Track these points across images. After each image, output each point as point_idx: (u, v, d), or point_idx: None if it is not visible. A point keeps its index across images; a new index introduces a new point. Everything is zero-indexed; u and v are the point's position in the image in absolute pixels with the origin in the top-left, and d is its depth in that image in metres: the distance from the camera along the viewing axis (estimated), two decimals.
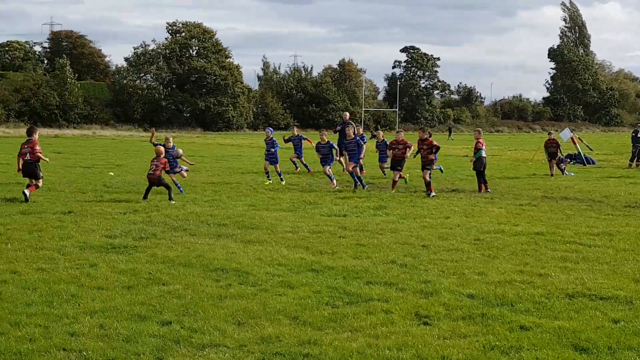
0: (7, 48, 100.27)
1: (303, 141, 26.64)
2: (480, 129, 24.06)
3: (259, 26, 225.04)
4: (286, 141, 26.33)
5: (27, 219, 14.38)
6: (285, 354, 6.79)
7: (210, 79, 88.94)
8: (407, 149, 21.42)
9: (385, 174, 26.20)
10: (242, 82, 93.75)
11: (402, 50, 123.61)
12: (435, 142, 20.64)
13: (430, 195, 19.61)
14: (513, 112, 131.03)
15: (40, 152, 17.73)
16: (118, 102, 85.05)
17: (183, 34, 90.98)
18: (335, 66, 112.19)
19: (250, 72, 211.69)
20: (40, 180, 17.78)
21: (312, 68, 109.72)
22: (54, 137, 60.04)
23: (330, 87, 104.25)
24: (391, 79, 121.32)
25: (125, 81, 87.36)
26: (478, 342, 7.23)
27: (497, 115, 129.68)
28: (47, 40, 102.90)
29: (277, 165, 23.42)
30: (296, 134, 26.97)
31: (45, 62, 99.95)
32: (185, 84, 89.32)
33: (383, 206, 17.47)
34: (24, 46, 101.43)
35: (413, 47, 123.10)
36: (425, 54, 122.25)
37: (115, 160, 32.68)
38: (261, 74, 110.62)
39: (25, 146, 17.68)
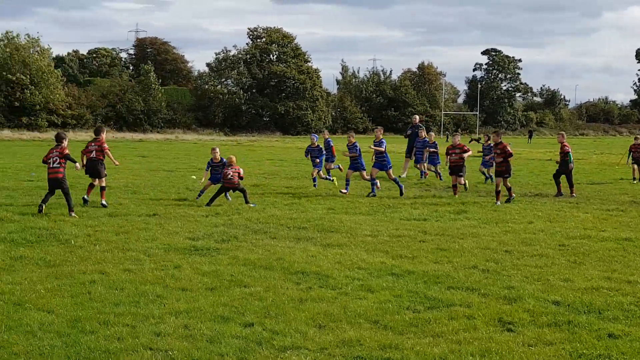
0: (94, 55, 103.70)
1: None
2: (563, 132, 23.55)
3: (338, 30, 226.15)
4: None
5: (114, 221, 14.78)
6: (366, 358, 6.78)
7: (290, 83, 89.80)
8: (464, 153, 20.67)
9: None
10: (320, 86, 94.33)
11: (483, 53, 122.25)
12: (508, 148, 19.69)
13: (511, 200, 19.21)
14: (599, 115, 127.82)
15: (108, 151, 17.69)
16: (200, 106, 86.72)
17: (263, 39, 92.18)
18: (414, 69, 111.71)
19: (329, 76, 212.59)
20: (104, 180, 17.64)
21: (391, 72, 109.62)
22: (139, 142, 61.64)
23: (410, 91, 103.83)
24: (472, 82, 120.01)
25: (207, 86, 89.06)
26: (564, 350, 7.06)
27: (582, 118, 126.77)
28: (133, 47, 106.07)
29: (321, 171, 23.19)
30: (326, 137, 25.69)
31: (131, 68, 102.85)
32: (265, 88, 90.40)
33: (464, 210, 17.27)
34: (111, 53, 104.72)
35: (494, 50, 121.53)
36: (507, 56, 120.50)
37: (197, 164, 33.28)
38: (340, 78, 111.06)
39: (92, 144, 17.73)
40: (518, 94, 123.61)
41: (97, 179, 17.56)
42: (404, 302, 8.76)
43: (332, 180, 23.30)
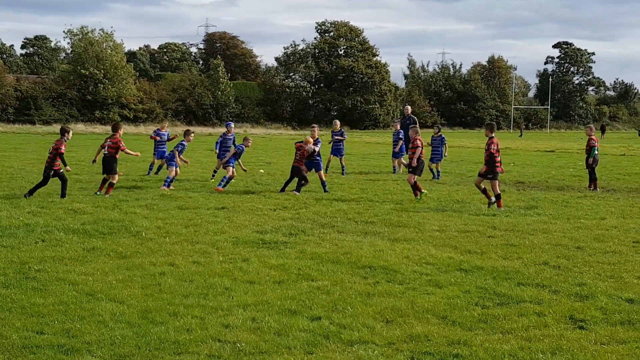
0: (165, 50, 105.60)
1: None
2: (592, 125, 22.80)
3: (407, 24, 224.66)
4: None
5: (183, 214, 15.00)
6: (434, 354, 6.72)
7: (358, 78, 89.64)
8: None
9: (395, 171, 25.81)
10: (389, 80, 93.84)
11: (555, 46, 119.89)
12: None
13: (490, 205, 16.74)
14: None
15: (125, 148, 18.11)
16: (268, 100, 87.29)
17: (331, 33, 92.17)
18: (484, 63, 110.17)
19: (397, 70, 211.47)
20: (116, 177, 17.99)
21: (461, 65, 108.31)
22: (208, 135, 62.35)
23: (479, 85, 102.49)
24: (542, 76, 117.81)
25: (275, 80, 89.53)
26: (638, 349, 6.87)
27: None
28: (202, 42, 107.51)
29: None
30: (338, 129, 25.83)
31: (200, 62, 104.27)
32: (333, 82, 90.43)
33: (534, 206, 16.96)
34: (181, 48, 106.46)
35: (566, 43, 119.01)
36: (579, 49, 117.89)
37: (265, 158, 33.53)
38: (407, 72, 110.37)
39: (108, 140, 18.20)
40: (590, 88, 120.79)
41: (109, 175, 17.94)
42: (473, 297, 8.65)
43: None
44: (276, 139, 61.06)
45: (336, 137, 25.39)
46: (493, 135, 16.79)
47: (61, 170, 17.25)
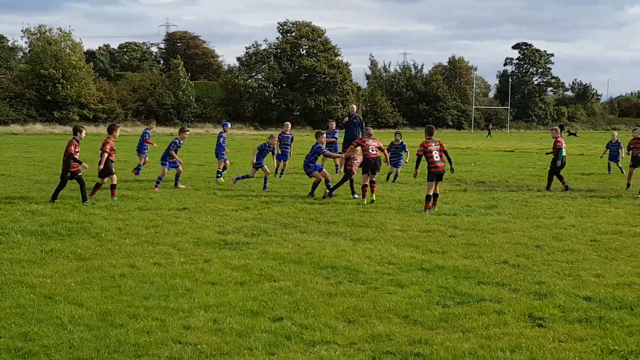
0: (125, 49, 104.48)
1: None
2: (557, 127, 22.86)
3: (369, 25, 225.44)
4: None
5: (144, 215, 14.86)
6: (396, 353, 6.74)
7: (320, 78, 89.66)
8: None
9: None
10: (351, 80, 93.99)
11: (515, 47, 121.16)
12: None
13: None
14: (631, 109, 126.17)
15: (105, 150, 17.36)
16: (230, 101, 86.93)
17: (293, 33, 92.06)
18: (445, 64, 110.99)
19: (359, 70, 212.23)
20: (114, 177, 17.53)
21: (422, 66, 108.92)
22: (169, 135, 61.89)
23: (441, 85, 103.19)
24: (502, 76, 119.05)
25: (237, 80, 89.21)
26: (595, 346, 6.97)
27: (614, 113, 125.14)
28: (163, 42, 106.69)
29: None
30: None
31: (161, 62, 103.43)
32: (295, 82, 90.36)
33: (494, 205, 17.13)
34: (141, 47, 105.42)
35: (525, 44, 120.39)
36: (538, 50, 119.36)
37: (228, 158, 33.32)
38: (369, 72, 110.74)
39: (110, 143, 17.61)
40: (549, 89, 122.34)
41: (108, 177, 17.47)
42: (434, 297, 8.71)
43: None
44: (239, 138, 60.85)
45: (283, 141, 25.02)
46: (431, 137, 16.37)
47: (79, 173, 16.74)
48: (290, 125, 25.90)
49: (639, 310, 8.20)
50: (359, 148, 18.19)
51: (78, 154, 16.81)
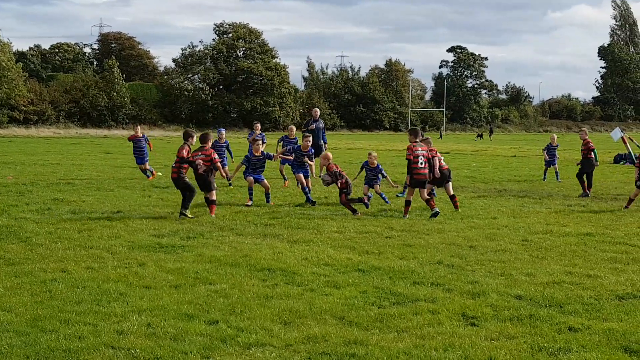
0: (57, 50, 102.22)
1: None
2: (585, 129, 22.04)
3: (305, 27, 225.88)
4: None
5: (76, 218, 14.59)
6: (331, 354, 6.77)
7: (257, 80, 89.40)
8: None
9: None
10: (288, 83, 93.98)
11: (449, 50, 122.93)
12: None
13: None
14: (562, 111, 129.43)
15: (217, 161, 15.85)
16: (166, 102, 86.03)
17: (230, 35, 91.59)
18: (382, 66, 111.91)
19: (296, 72, 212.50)
20: (213, 192, 15.78)
21: (359, 68, 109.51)
22: (103, 138, 61.01)
23: (378, 87, 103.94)
24: (438, 79, 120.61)
25: (173, 82, 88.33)
26: (526, 344, 7.12)
27: (546, 115, 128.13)
28: (97, 42, 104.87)
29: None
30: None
31: (95, 63, 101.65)
32: (232, 84, 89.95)
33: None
34: (74, 48, 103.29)
35: (460, 47, 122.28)
36: (472, 54, 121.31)
37: (163, 161, 33.01)
38: (306, 74, 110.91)
39: (200, 154, 15.64)
40: (484, 91, 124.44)
41: (208, 192, 15.73)
42: (370, 297, 8.77)
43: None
44: (175, 140, 60.18)
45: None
46: (417, 141, 15.85)
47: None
48: (295, 129, 24.58)
49: (568, 308, 8.40)
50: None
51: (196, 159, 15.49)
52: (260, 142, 18.76)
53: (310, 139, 19.70)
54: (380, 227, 14.23)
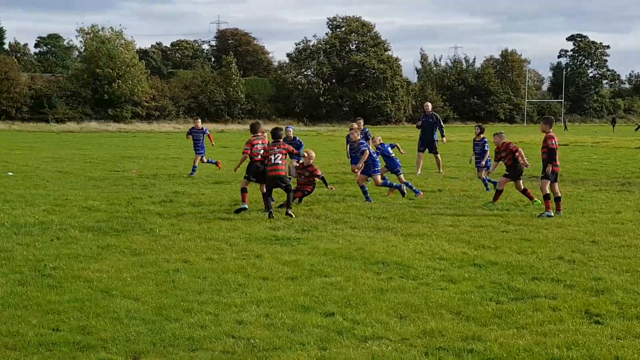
0: (177, 47, 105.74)
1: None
2: None
3: (417, 19, 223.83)
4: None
5: (196, 211, 15.02)
6: (448, 349, 6.70)
7: (369, 73, 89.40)
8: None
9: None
10: (400, 75, 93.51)
11: (569, 39, 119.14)
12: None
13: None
14: None
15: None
16: (280, 97, 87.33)
17: (343, 28, 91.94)
18: (497, 57, 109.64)
19: (409, 65, 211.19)
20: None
21: (474, 59, 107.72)
22: (220, 132, 62.49)
23: (493, 79, 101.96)
24: (556, 69, 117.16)
25: (286, 77, 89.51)
26: None
27: None
28: (214, 39, 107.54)
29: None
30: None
31: (212, 59, 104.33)
32: (345, 78, 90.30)
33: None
34: (193, 45, 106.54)
35: (580, 35, 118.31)
36: (593, 42, 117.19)
37: None
38: (419, 67, 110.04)
39: (258, 144, 15.35)
40: (605, 81, 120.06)
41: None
42: (487, 293, 8.62)
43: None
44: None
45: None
46: (550, 130, 15.02)
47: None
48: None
49: None
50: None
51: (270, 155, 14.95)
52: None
53: (356, 128, 18.47)
54: (496, 221, 13.95)
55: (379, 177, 17.30)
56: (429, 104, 25.85)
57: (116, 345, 6.74)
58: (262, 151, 15.23)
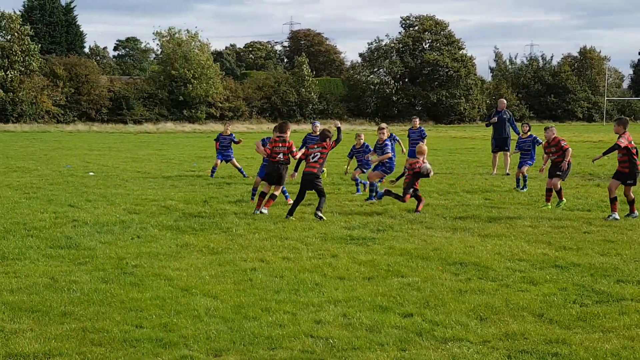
0: (250, 49, 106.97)
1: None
2: None
3: (492, 16, 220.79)
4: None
5: (272, 210, 15.10)
6: (532, 352, 6.55)
7: (443, 72, 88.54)
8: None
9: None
10: (475, 74, 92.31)
11: None
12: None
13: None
14: None
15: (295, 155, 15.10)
16: (352, 97, 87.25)
17: (416, 27, 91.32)
18: (574, 54, 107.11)
19: (483, 63, 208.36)
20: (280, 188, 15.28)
21: (552, 57, 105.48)
22: (293, 132, 62.96)
23: (570, 77, 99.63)
24: (637, 66, 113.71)
25: (358, 76, 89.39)
26: None
27: None
28: (287, 40, 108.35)
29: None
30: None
31: (285, 60, 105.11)
32: (418, 77, 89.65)
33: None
34: (266, 46, 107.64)
35: None
36: None
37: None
38: (493, 65, 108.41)
39: (279, 145, 15.00)
40: None
41: (277, 185, 15.13)
42: (570, 295, 8.41)
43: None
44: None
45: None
46: (625, 131, 14.74)
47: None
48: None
49: None
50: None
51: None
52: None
53: (384, 130, 17.81)
54: (577, 221, 13.62)
55: (377, 177, 17.22)
56: (504, 101, 25.44)
57: (197, 343, 6.82)
58: (292, 150, 14.99)
